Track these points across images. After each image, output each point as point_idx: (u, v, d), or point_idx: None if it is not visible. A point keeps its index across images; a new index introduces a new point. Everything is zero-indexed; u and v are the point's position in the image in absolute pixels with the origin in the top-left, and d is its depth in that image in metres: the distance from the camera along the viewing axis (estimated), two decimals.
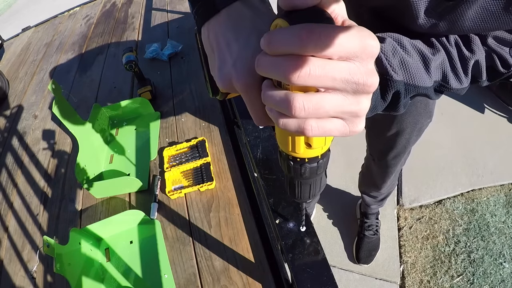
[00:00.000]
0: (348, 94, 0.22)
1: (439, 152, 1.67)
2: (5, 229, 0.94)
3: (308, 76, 0.20)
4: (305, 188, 0.35)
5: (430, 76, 0.36)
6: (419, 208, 1.50)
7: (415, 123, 0.77)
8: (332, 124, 0.23)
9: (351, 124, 0.24)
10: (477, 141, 1.69)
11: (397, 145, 0.84)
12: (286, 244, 0.56)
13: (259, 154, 0.69)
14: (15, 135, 1.24)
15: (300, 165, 0.30)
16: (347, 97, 0.22)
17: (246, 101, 0.28)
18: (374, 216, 1.39)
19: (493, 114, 1.80)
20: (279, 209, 0.61)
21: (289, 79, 0.21)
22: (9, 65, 1.70)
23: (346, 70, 0.21)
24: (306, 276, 0.51)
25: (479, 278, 1.27)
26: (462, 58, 0.37)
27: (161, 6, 1.74)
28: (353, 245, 1.41)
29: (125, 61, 1.06)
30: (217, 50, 0.30)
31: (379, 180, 1.09)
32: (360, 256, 1.35)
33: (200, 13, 0.32)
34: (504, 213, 1.43)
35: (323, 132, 0.23)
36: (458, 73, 0.38)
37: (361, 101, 0.23)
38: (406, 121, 0.76)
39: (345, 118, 0.23)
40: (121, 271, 0.77)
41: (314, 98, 0.21)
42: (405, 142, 0.84)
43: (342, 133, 0.24)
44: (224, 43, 0.30)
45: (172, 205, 0.86)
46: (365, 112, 0.24)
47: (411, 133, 0.80)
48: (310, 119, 0.22)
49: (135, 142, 1.04)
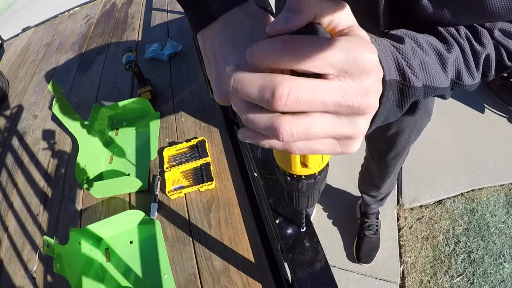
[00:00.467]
0: (341, 116, 0.20)
1: (439, 152, 1.67)
2: (5, 229, 0.94)
3: (296, 102, 0.18)
4: (303, 199, 0.35)
5: (447, 76, 0.34)
6: (419, 208, 1.50)
7: (415, 122, 0.77)
8: (321, 145, 0.21)
9: (343, 145, 0.21)
10: (477, 141, 1.69)
11: (397, 145, 0.84)
12: (286, 244, 0.56)
13: (259, 154, 0.69)
14: (15, 135, 1.24)
15: (297, 181, 0.30)
16: (341, 119, 0.20)
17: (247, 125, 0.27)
18: (374, 216, 1.39)
19: (493, 114, 1.80)
20: (279, 209, 0.61)
21: (275, 106, 0.18)
22: (9, 65, 1.70)
23: (338, 91, 0.19)
24: (306, 276, 0.51)
25: (479, 278, 1.27)
26: (474, 53, 0.35)
27: (161, 6, 1.74)
28: (353, 244, 1.41)
29: (125, 61, 1.06)
30: (214, 63, 0.29)
31: (378, 179, 1.09)
32: (361, 255, 1.35)
33: (195, 19, 0.30)
34: (504, 213, 1.43)
35: (310, 152, 0.21)
36: (471, 68, 0.36)
37: (356, 123, 0.20)
38: (405, 121, 0.76)
39: (338, 139, 0.21)
40: (121, 271, 0.77)
41: (303, 122, 0.19)
42: (405, 142, 0.83)
43: (332, 153, 0.22)
44: (221, 55, 0.28)
45: (172, 205, 0.86)
46: (362, 134, 0.21)
47: (411, 132, 0.80)
48: (298, 142, 0.20)
49: (135, 142, 1.04)
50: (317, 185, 0.31)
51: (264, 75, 0.19)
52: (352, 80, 0.19)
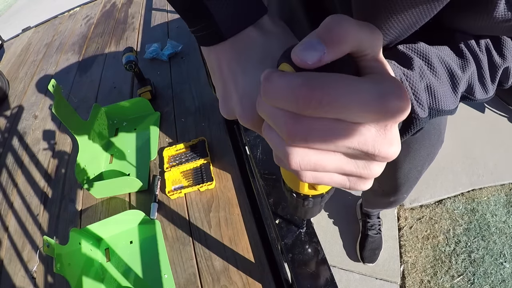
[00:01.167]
0: (358, 159, 0.18)
1: (440, 152, 1.67)
2: (5, 229, 0.94)
3: (317, 141, 0.17)
4: (307, 211, 0.35)
5: (457, 96, 0.31)
6: (420, 208, 1.50)
7: (429, 154, 0.70)
8: (330, 180, 0.20)
9: (353, 183, 0.20)
10: (477, 141, 1.69)
11: (410, 178, 0.76)
12: (286, 244, 0.56)
13: (259, 154, 0.69)
14: (15, 135, 1.24)
15: (303, 199, 0.29)
16: (356, 162, 0.18)
17: None
18: (375, 216, 1.39)
19: (493, 113, 1.80)
20: (279, 209, 0.61)
21: (287, 141, 0.17)
22: (9, 65, 1.70)
23: (358, 136, 0.16)
24: (306, 276, 0.51)
25: (479, 278, 1.27)
26: (492, 66, 0.32)
27: (161, 6, 1.75)
28: (357, 244, 1.41)
29: (125, 61, 1.06)
30: (221, 80, 0.27)
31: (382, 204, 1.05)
32: (365, 255, 1.35)
33: (201, 36, 0.26)
34: (504, 213, 1.42)
35: (319, 182, 0.20)
36: (486, 83, 0.33)
37: (371, 167, 0.18)
38: (419, 155, 0.69)
39: (349, 176, 0.20)
40: (121, 271, 0.77)
41: (313, 158, 0.18)
42: (418, 174, 0.76)
43: (341, 187, 0.20)
44: (230, 74, 0.26)
45: (172, 205, 0.86)
46: (375, 176, 0.19)
47: (424, 165, 0.73)
48: (306, 171, 0.19)
49: (135, 142, 1.04)
50: (323, 201, 0.31)
51: None
52: (377, 129, 0.17)
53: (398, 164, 0.72)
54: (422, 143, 0.65)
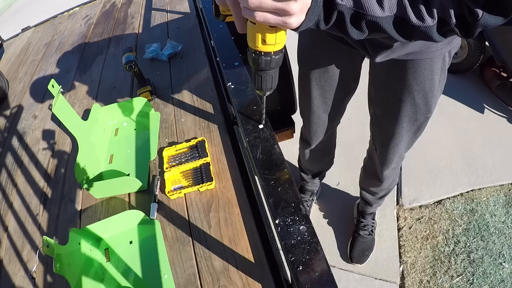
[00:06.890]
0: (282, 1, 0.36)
1: (439, 152, 1.68)
2: (5, 229, 0.94)
3: None
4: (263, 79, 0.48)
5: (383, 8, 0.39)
6: (419, 208, 1.50)
7: (414, 112, 0.82)
8: (270, 15, 0.37)
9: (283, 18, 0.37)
10: (477, 141, 1.70)
11: (395, 134, 0.91)
12: (286, 244, 0.56)
13: (259, 154, 0.69)
14: (15, 135, 1.24)
15: (258, 57, 0.44)
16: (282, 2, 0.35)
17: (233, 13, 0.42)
18: (370, 217, 1.39)
19: (493, 114, 1.80)
20: (279, 209, 0.61)
21: None
22: (9, 65, 1.70)
23: None
24: (306, 276, 0.51)
25: (478, 278, 1.27)
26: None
27: (161, 6, 1.75)
28: (348, 244, 1.41)
29: (124, 61, 1.06)
30: None
31: (380, 169, 1.08)
32: (353, 255, 1.35)
33: None
34: (503, 213, 1.43)
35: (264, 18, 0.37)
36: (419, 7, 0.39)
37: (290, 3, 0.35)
38: (404, 113, 0.83)
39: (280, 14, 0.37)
40: (121, 271, 0.77)
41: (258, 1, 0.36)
42: (403, 132, 0.89)
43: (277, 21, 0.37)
44: None
45: (171, 205, 0.86)
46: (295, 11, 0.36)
47: (409, 122, 0.85)
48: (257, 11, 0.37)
49: (135, 142, 1.04)
50: (272, 63, 0.45)
51: None
52: None
53: (386, 116, 0.89)
54: (406, 108, 0.81)
